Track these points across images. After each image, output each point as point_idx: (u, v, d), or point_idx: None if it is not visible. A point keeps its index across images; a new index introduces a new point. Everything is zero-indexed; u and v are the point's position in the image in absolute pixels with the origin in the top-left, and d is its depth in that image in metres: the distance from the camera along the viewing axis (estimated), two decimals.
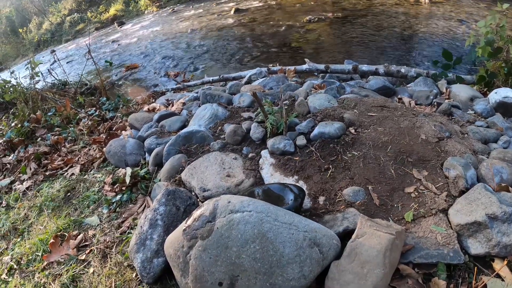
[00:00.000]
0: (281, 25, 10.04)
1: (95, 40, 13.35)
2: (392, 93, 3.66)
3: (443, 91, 3.72)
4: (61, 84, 6.99)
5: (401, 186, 2.11)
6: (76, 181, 3.14)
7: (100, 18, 18.23)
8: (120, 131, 3.88)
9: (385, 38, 8.16)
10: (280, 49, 8.28)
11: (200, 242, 1.52)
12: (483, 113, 3.06)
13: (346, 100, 3.02)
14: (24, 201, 3.13)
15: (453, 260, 1.67)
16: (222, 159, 2.41)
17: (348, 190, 2.05)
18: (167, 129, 3.17)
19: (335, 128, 2.46)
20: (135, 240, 1.94)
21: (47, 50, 15.86)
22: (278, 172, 2.27)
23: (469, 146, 2.44)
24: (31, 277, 2.24)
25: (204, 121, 2.98)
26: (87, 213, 2.70)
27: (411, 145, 2.36)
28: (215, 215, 1.55)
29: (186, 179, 2.34)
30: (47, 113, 4.90)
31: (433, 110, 3.08)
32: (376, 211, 1.97)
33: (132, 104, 5.22)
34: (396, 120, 2.64)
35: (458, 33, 7.87)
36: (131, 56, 10.13)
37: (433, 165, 2.21)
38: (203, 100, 3.52)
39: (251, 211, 1.53)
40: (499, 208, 1.72)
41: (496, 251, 1.68)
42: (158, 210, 1.93)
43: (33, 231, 2.70)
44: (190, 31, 11.14)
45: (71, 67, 10.15)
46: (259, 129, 2.58)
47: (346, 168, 2.23)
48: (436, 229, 1.81)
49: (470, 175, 2.07)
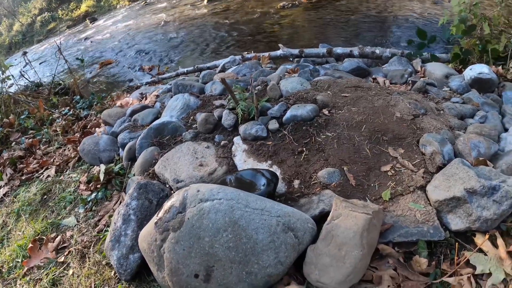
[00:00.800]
0: (255, 12, 9.95)
1: (68, 38, 13.06)
2: (366, 73, 3.65)
3: (418, 69, 3.73)
4: (34, 85, 6.82)
5: (377, 165, 2.10)
6: (52, 182, 3.08)
7: (71, 16, 17.80)
8: (94, 128, 3.80)
9: (359, 21, 8.15)
10: (255, 37, 8.21)
11: (172, 234, 1.49)
12: (459, 89, 3.07)
13: (319, 82, 2.99)
14: (2, 208, 3.06)
15: (434, 237, 1.67)
16: (194, 148, 2.37)
17: (323, 172, 2.04)
18: (140, 122, 3.11)
19: (308, 110, 2.43)
20: (109, 237, 1.90)
21: (19, 52, 15.47)
22: (251, 158, 2.24)
23: (445, 122, 2.44)
24: (12, 284, 2.20)
25: (176, 111, 2.93)
26: (64, 214, 2.66)
27: (386, 124, 2.35)
28: (185, 205, 1.51)
29: (159, 172, 2.30)
30: (20, 116, 4.79)
31: (408, 89, 3.08)
32: (353, 191, 1.96)
33: (106, 100, 5.13)
34: (370, 99, 2.63)
35: (432, 13, 7.91)
36: (105, 52, 9.93)
37: (409, 143, 2.21)
38: (175, 91, 3.46)
39: (221, 199, 1.50)
40: (477, 182, 1.71)
41: (477, 225, 1.68)
42: (131, 205, 1.89)
43: (12, 237, 2.65)
44: (164, 23, 10.97)
45: (44, 67, 9.92)
46: (231, 115, 2.55)
47: (320, 150, 2.21)
48: (415, 207, 1.80)
49: (447, 150, 2.07)
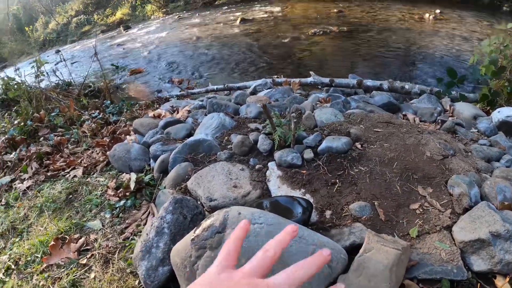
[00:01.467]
0: (286, 36, 10.11)
1: (100, 42, 13.39)
2: (396, 109, 3.68)
3: (446, 108, 3.75)
4: (65, 84, 7.00)
5: (407, 202, 2.11)
6: (78, 183, 3.12)
7: (106, 21, 18.32)
8: (124, 135, 3.87)
9: (389, 54, 8.23)
10: (285, 61, 8.33)
11: (208, 252, 1.51)
12: (486, 131, 3.09)
13: (352, 115, 3.03)
14: (24, 200, 3.09)
15: (457, 277, 1.68)
16: (229, 169, 2.41)
17: (354, 205, 2.06)
18: (173, 136, 3.17)
19: (342, 143, 2.47)
20: (140, 247, 1.93)
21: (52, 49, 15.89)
22: (285, 185, 2.27)
23: (473, 164, 2.45)
24: (29, 278, 2.20)
25: (211, 130, 2.99)
26: (89, 217, 2.67)
27: (417, 162, 2.37)
28: (225, 226, 1.55)
29: (192, 188, 2.34)
30: (50, 113, 4.89)
31: (437, 128, 3.10)
32: (382, 226, 1.98)
33: (135, 108, 5.23)
34: (401, 136, 2.65)
35: (462, 50, 7.94)
36: (135, 60, 10.16)
37: (438, 183, 2.22)
38: (210, 109, 3.52)
39: (261, 224, 1.53)
40: (502, 226, 1.74)
41: (498, 268, 1.70)
42: (165, 218, 1.93)
43: (33, 231, 2.66)
44: (196, 39, 11.20)
45: (75, 68, 10.17)
46: (267, 141, 2.59)
47: (353, 183, 2.24)
48: (440, 246, 1.82)
49: (474, 193, 2.08)
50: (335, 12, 12.50)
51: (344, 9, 12.83)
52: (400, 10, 11.97)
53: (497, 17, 9.94)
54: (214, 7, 16.58)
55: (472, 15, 10.81)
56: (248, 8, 14.94)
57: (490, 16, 10.47)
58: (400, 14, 11.42)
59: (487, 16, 10.53)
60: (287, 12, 13.42)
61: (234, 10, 15.06)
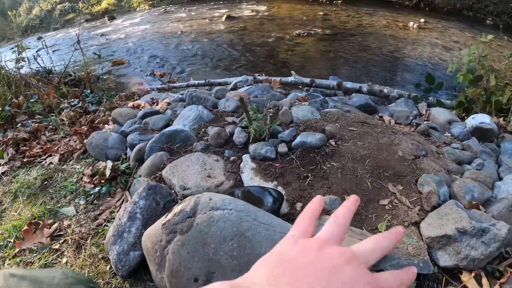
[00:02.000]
0: (270, 36, 10.16)
1: (84, 31, 13.20)
2: (373, 111, 3.76)
3: (423, 113, 3.85)
4: (45, 72, 6.89)
5: (376, 198, 2.19)
6: (54, 170, 3.10)
7: (91, 10, 18.08)
8: (102, 124, 3.86)
9: (371, 58, 8.36)
10: (267, 60, 8.38)
11: (179, 236, 1.55)
12: (460, 136, 3.18)
13: (329, 113, 3.10)
14: None
15: (423, 270, 1.76)
16: (204, 159, 2.45)
17: (325, 198, 2.12)
18: (151, 126, 3.19)
19: (317, 139, 2.53)
20: (112, 232, 1.95)
21: (34, 36, 15.59)
22: (258, 177, 2.32)
23: (444, 166, 2.54)
24: (1, 263, 2.19)
25: (189, 121, 3.01)
26: (64, 203, 2.67)
27: (388, 161, 2.45)
28: (195, 211, 1.58)
29: (167, 177, 2.37)
30: (29, 100, 4.82)
31: (411, 130, 3.19)
32: (351, 220, 2.04)
33: (115, 99, 5.20)
34: (375, 136, 2.73)
35: (442, 59, 8.12)
36: (118, 51, 10.06)
37: (408, 181, 2.30)
38: (189, 101, 3.55)
39: (231, 209, 1.57)
40: (468, 223, 1.81)
41: (464, 263, 1.77)
42: (138, 204, 1.95)
43: (6, 216, 2.64)
44: (180, 33, 11.15)
45: (56, 56, 10.01)
46: (243, 134, 2.63)
47: (325, 177, 2.30)
48: (408, 241, 1.89)
49: (443, 191, 2.16)
50: (321, 15, 12.60)
51: (330, 12, 12.95)
52: (385, 17, 12.15)
53: (480, 30, 10.19)
54: (201, 2, 16.53)
55: (456, 26, 11.04)
56: (234, 6, 14.95)
57: (473, 29, 10.72)
58: (385, 21, 11.59)
59: (470, 28, 10.77)
60: (273, 12, 13.48)
61: (221, 6, 15.05)
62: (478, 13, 12.64)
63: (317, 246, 0.52)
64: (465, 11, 13.01)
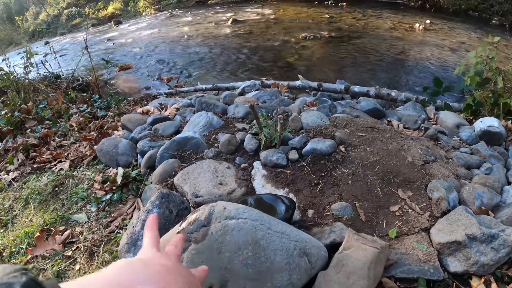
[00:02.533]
0: (276, 39, 10.18)
1: (91, 36, 13.29)
2: (382, 115, 3.77)
3: (431, 116, 3.84)
4: (53, 77, 6.95)
5: (387, 204, 2.19)
6: (65, 176, 3.11)
7: (97, 15, 18.21)
8: (112, 130, 3.89)
9: (377, 61, 8.35)
10: (274, 63, 8.40)
11: (193, 245, 1.56)
12: (468, 140, 3.18)
13: (338, 119, 3.11)
14: (9, 191, 3.07)
15: (433, 276, 1.76)
16: (215, 167, 2.46)
17: (336, 205, 2.13)
18: (161, 133, 3.20)
19: (327, 145, 2.53)
20: (126, 240, 1.96)
21: (41, 41, 15.72)
22: (270, 184, 2.33)
23: (453, 171, 2.54)
24: None
25: (199, 128, 3.03)
26: (75, 210, 2.68)
27: (398, 166, 2.45)
28: (210, 220, 1.59)
29: (178, 184, 2.38)
30: (38, 105, 4.86)
31: (420, 134, 3.19)
32: (362, 226, 2.05)
33: (123, 104, 5.24)
34: (385, 141, 2.73)
35: (449, 61, 8.10)
36: (125, 56, 10.13)
37: (418, 187, 2.30)
38: (198, 107, 3.57)
39: (246, 219, 1.58)
40: (478, 229, 1.81)
41: (474, 269, 1.77)
42: (152, 212, 1.97)
43: (18, 223, 2.65)
44: (187, 37, 11.20)
45: (64, 61, 10.09)
46: (253, 140, 2.64)
47: (335, 184, 2.30)
48: (418, 247, 1.89)
49: (453, 197, 2.16)
50: (327, 17, 12.62)
51: (336, 15, 12.97)
52: (390, 19, 12.15)
53: (487, 30, 10.15)
54: (207, 6, 16.61)
55: (462, 27, 11.02)
56: (240, 9, 14.99)
57: (479, 29, 10.69)
58: (391, 23, 11.59)
59: (476, 29, 10.74)
60: (279, 15, 13.51)
61: (226, 10, 15.11)
62: (483, 13, 12.62)
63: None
64: (471, 11, 12.99)
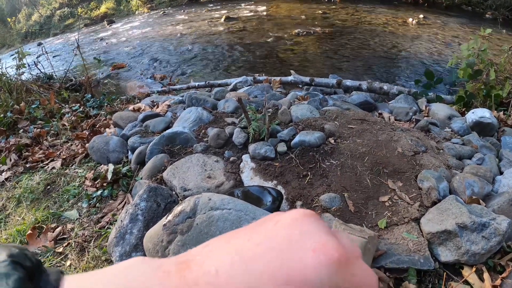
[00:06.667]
0: (269, 36, 10.17)
1: (84, 36, 13.24)
2: (373, 108, 3.77)
3: (422, 109, 3.85)
4: (46, 77, 6.93)
5: (376, 195, 2.20)
6: (57, 175, 3.13)
7: (90, 15, 18.14)
8: (104, 128, 3.88)
9: (370, 55, 8.36)
10: (267, 59, 8.40)
11: (179, 237, 1.57)
12: (460, 131, 3.19)
13: (328, 111, 3.12)
14: (2, 191, 3.09)
15: (424, 266, 1.76)
16: (204, 161, 2.47)
17: (324, 196, 2.13)
18: (151, 129, 3.21)
19: (315, 137, 2.54)
20: (114, 234, 1.97)
21: (34, 42, 15.67)
22: (258, 176, 2.33)
23: (444, 161, 2.55)
24: None
25: (189, 123, 3.03)
26: (67, 207, 2.69)
27: (388, 157, 2.46)
28: (195, 211, 1.60)
29: (167, 178, 2.39)
30: (30, 105, 4.85)
31: (411, 126, 3.19)
32: (351, 217, 2.05)
33: (116, 103, 5.23)
34: (374, 133, 2.74)
35: (442, 54, 8.12)
36: (118, 55, 10.10)
37: (408, 177, 2.31)
38: (189, 103, 3.57)
39: (230, 209, 1.59)
40: (468, 218, 1.82)
41: (465, 258, 1.78)
42: (139, 206, 1.97)
43: (11, 221, 2.67)
44: (180, 35, 11.18)
45: (57, 61, 10.06)
46: (242, 134, 2.65)
47: (324, 175, 2.31)
48: (408, 237, 1.90)
49: (443, 187, 2.17)
50: (320, 13, 12.62)
51: (329, 11, 12.96)
52: (384, 14, 12.15)
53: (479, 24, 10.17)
54: (200, 4, 16.57)
55: (455, 21, 11.04)
56: (233, 6, 14.97)
57: (472, 23, 10.71)
58: (384, 18, 11.60)
59: (469, 23, 10.76)
60: (272, 11, 13.50)
61: (220, 8, 15.08)
62: (477, 7, 12.65)
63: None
64: (464, 5, 13.02)
